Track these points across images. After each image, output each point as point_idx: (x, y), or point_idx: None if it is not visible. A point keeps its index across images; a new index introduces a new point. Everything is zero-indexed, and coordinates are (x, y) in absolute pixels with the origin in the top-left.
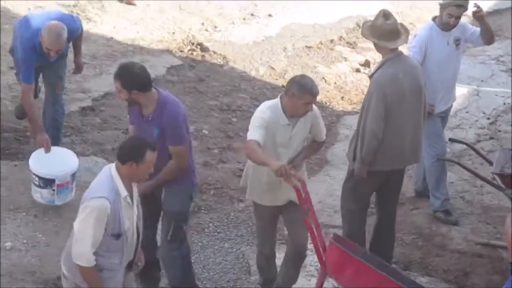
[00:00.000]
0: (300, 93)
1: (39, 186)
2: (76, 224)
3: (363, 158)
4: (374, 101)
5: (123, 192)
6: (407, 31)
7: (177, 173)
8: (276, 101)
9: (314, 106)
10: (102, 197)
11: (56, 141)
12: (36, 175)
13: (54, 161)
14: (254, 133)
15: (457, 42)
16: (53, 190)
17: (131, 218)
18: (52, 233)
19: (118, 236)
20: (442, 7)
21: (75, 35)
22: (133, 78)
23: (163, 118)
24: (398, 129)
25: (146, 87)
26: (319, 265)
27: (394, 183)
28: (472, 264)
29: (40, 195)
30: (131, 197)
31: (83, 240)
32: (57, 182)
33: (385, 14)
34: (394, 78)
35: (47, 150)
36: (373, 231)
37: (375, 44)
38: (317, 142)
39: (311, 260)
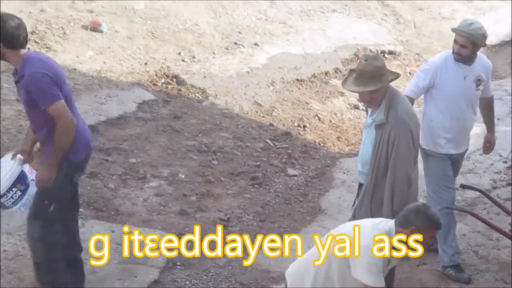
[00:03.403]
0: (427, 227)
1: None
2: None
3: (395, 212)
4: (403, 144)
5: None
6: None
7: (66, 135)
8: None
9: None
10: None
11: None
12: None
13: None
14: (380, 280)
15: (479, 82)
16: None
17: None
18: None
19: None
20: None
21: None
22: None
23: (26, 80)
24: (417, 167)
25: (12, 43)
26: None
27: None
28: None
29: (21, 203)
30: None
31: None
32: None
33: (366, 56)
34: (412, 113)
35: None
36: None
37: (374, 91)
38: None
39: None
